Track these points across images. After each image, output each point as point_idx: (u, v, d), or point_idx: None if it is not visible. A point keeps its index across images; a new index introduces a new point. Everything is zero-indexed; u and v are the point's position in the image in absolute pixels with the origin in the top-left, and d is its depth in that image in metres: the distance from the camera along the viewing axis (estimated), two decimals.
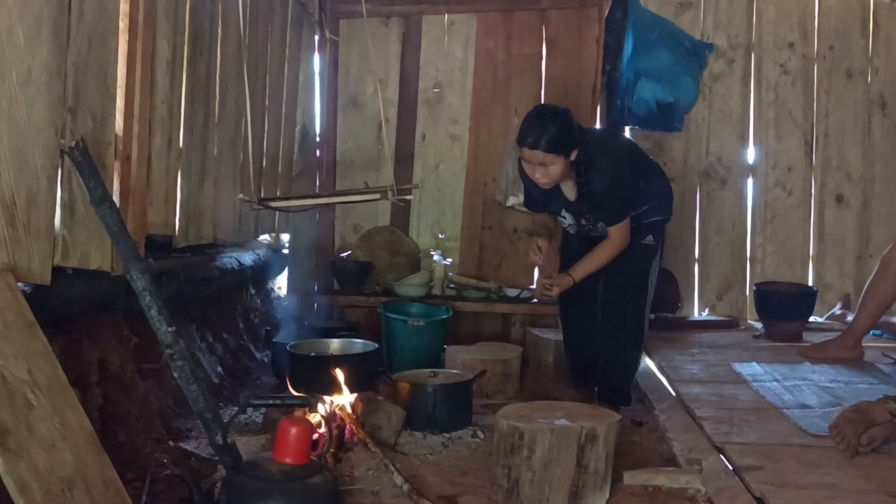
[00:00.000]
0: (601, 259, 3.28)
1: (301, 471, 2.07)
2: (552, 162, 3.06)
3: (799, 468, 2.36)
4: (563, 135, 3.04)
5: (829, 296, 4.93)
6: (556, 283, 3.30)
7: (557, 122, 3.04)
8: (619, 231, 3.26)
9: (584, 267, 3.30)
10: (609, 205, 3.23)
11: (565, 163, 3.08)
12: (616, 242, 3.27)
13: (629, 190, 3.26)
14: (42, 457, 1.70)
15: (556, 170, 3.09)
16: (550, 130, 3.02)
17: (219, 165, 3.47)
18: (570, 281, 3.29)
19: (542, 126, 3.04)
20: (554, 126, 3.03)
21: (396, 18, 4.99)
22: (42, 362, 1.87)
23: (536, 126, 3.06)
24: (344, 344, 3.29)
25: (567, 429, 2.32)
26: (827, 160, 5.00)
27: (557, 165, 3.07)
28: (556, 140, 3.02)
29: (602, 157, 3.18)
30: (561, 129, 3.04)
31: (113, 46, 2.47)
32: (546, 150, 3.04)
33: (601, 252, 3.29)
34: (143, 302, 2.11)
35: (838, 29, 4.97)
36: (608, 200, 3.21)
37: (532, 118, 3.11)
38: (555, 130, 3.02)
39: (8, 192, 1.97)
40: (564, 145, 3.05)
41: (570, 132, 3.06)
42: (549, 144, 3.02)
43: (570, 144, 3.06)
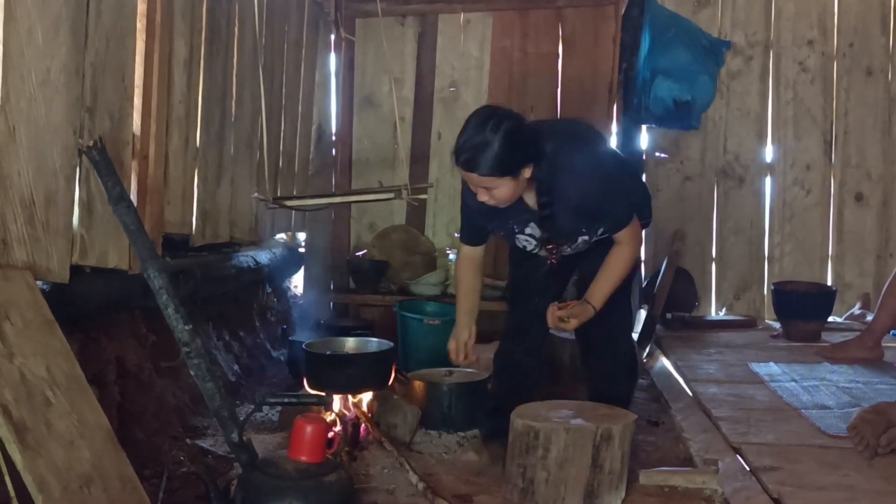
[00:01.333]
0: (621, 270, 2.65)
1: (316, 469, 2.07)
2: (496, 185, 2.38)
3: (817, 469, 2.35)
4: (508, 153, 2.33)
5: (849, 295, 4.89)
6: (576, 315, 2.62)
7: (499, 137, 2.31)
8: (629, 233, 2.61)
9: (602, 286, 2.65)
10: (610, 209, 2.57)
11: (514, 184, 2.40)
12: (630, 247, 2.65)
13: (627, 189, 2.69)
14: (60, 453, 1.71)
15: (504, 192, 2.40)
16: (490, 149, 2.31)
17: (235, 164, 3.48)
18: (591, 311, 2.63)
19: (479, 142, 2.32)
20: (494, 142, 2.31)
21: (412, 17, 5.00)
22: (60, 360, 1.89)
23: (472, 142, 2.34)
24: (359, 343, 3.29)
25: (582, 428, 2.31)
26: (846, 158, 4.96)
27: (504, 188, 2.39)
28: (497, 161, 2.32)
29: (584, 160, 2.52)
30: (504, 145, 2.31)
31: (130, 46, 2.49)
32: (485, 174, 2.35)
33: (617, 262, 2.64)
34: (160, 300, 2.12)
35: (858, 26, 4.92)
36: (607, 206, 2.55)
37: (469, 129, 2.37)
38: (496, 148, 2.31)
39: (27, 192, 1.99)
40: (510, 165, 2.35)
41: (516, 148, 2.34)
42: (490, 167, 2.34)
43: (517, 163, 2.36)
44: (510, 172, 2.36)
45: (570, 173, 2.47)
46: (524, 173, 2.40)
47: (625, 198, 2.64)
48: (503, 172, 2.35)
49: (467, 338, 2.84)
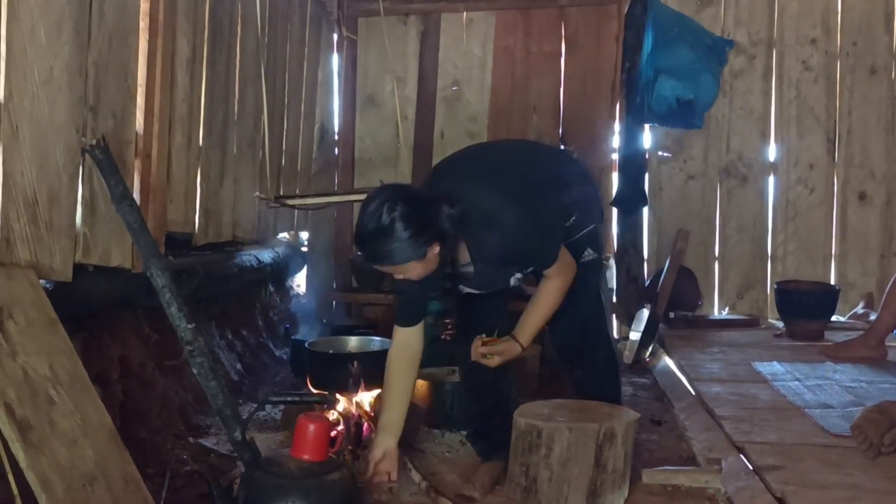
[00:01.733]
0: (550, 306, 2.53)
1: (319, 467, 2.08)
2: (402, 270, 2.29)
3: (820, 468, 2.34)
4: (404, 244, 2.20)
5: (852, 295, 4.87)
6: (500, 353, 2.52)
7: (394, 229, 2.18)
8: (557, 268, 2.48)
9: (530, 322, 2.55)
10: (531, 252, 2.45)
11: (424, 263, 2.27)
12: (560, 281, 2.51)
13: (545, 226, 2.47)
14: (63, 452, 1.71)
15: (415, 273, 2.30)
16: (386, 242, 2.21)
17: (238, 163, 3.49)
18: (518, 349, 2.54)
19: (374, 236, 2.21)
20: (390, 235, 2.19)
21: (415, 16, 5.00)
22: (63, 359, 1.89)
23: (367, 234, 2.22)
24: (362, 341, 3.29)
25: (585, 427, 2.31)
26: (850, 157, 4.94)
27: (413, 270, 2.29)
28: (395, 253, 2.22)
29: (494, 209, 2.36)
30: (399, 237, 2.19)
31: (133, 45, 2.49)
32: (384, 265, 2.28)
33: (547, 298, 2.52)
34: (163, 299, 2.12)
35: (862, 24, 4.91)
36: (527, 250, 2.43)
37: (363, 219, 2.24)
38: (392, 241, 2.20)
39: (30, 190, 1.99)
40: (410, 254, 2.23)
41: (414, 236, 2.20)
42: (389, 260, 2.25)
43: (417, 249, 2.22)
44: (412, 259, 2.25)
45: (488, 227, 2.35)
46: (431, 252, 2.27)
47: (546, 239, 2.46)
48: (405, 260, 2.25)
49: (379, 458, 2.50)
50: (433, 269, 2.34)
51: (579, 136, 4.80)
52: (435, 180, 2.51)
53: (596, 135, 4.84)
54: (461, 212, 2.30)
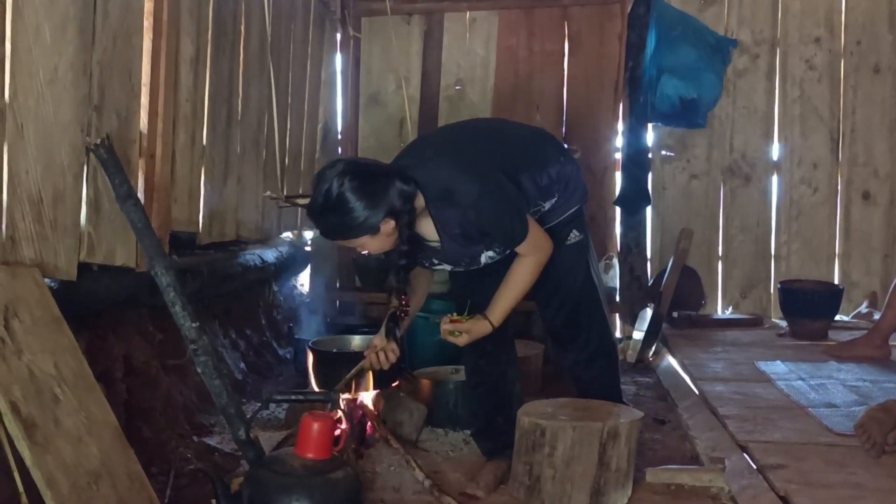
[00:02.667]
0: (522, 285, 2.43)
1: (323, 466, 2.07)
2: (356, 244, 2.26)
3: (824, 467, 2.34)
4: (352, 219, 2.16)
5: (856, 294, 4.87)
6: (467, 330, 2.42)
7: (341, 203, 2.15)
8: (528, 245, 2.37)
9: (502, 301, 2.44)
10: (496, 229, 2.35)
11: (378, 238, 2.23)
12: (532, 259, 2.41)
13: (508, 200, 2.35)
14: (68, 450, 1.72)
15: (373, 247, 2.27)
16: (334, 216, 2.18)
17: (242, 163, 3.49)
18: (488, 326, 2.43)
19: (323, 210, 2.19)
20: (339, 209, 2.16)
21: (418, 16, 5.00)
22: (68, 357, 1.90)
23: (317, 209, 2.21)
24: (366, 341, 3.29)
25: (589, 426, 2.31)
26: (853, 157, 4.94)
27: (369, 244, 2.25)
28: (344, 228, 2.20)
29: (454, 185, 2.29)
30: (348, 211, 2.15)
31: (137, 45, 2.50)
32: (337, 239, 2.29)
33: (519, 276, 2.42)
34: (167, 298, 2.13)
35: (866, 23, 4.90)
36: (491, 226, 2.33)
37: (314, 195, 2.23)
38: (340, 216, 2.17)
39: (35, 189, 2.00)
40: (361, 227, 2.18)
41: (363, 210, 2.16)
42: (340, 234, 2.24)
43: (369, 220, 2.17)
44: (365, 233, 2.21)
45: (448, 202, 2.30)
46: (384, 227, 2.21)
47: (509, 214, 2.34)
48: (357, 234, 2.21)
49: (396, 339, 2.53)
50: (392, 244, 2.29)
51: (582, 135, 4.80)
52: (398, 157, 2.46)
53: (599, 134, 4.84)
54: (415, 187, 2.25)
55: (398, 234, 2.27)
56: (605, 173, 4.83)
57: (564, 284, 2.60)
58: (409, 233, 2.29)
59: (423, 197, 2.29)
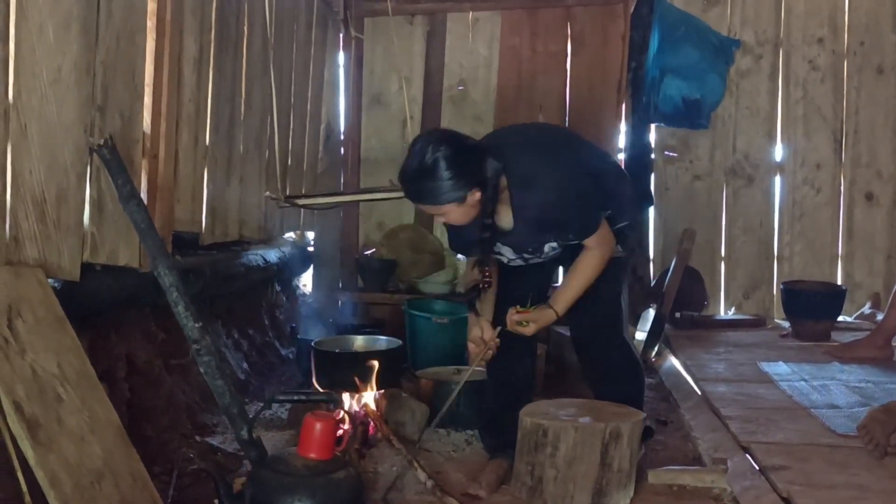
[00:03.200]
0: (588, 276, 2.55)
1: (325, 466, 2.08)
2: (442, 212, 2.39)
3: (827, 468, 2.34)
4: (446, 184, 2.30)
5: (859, 295, 4.86)
6: (535, 320, 2.54)
7: (436, 169, 2.29)
8: (597, 238, 2.51)
9: (568, 293, 2.57)
10: (572, 218, 2.48)
11: (463, 208, 2.37)
12: (599, 252, 2.53)
13: (588, 193, 2.50)
14: (71, 449, 1.72)
15: (454, 217, 2.40)
16: (427, 181, 2.31)
17: (245, 163, 3.49)
18: (553, 315, 2.56)
19: (417, 174, 2.33)
20: (432, 174, 2.30)
21: (421, 16, 5.00)
22: (71, 357, 1.90)
23: (410, 173, 2.35)
24: (368, 341, 3.30)
25: (591, 427, 2.31)
26: (856, 157, 4.93)
27: (452, 214, 2.39)
28: (436, 192, 2.32)
29: (539, 169, 2.44)
30: (442, 176, 2.29)
31: (141, 45, 2.50)
32: (423, 203, 2.41)
33: (585, 268, 2.55)
34: (170, 298, 2.13)
35: (869, 24, 4.90)
36: (568, 215, 2.46)
37: (408, 159, 2.36)
38: (434, 180, 2.30)
39: (38, 189, 2.00)
40: (450, 195, 2.32)
41: (455, 178, 2.29)
42: (429, 198, 2.36)
43: (458, 191, 2.31)
44: (452, 200, 2.34)
45: (530, 185, 2.42)
46: (470, 197, 2.35)
47: (587, 206, 2.50)
48: (445, 201, 2.34)
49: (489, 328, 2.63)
50: (472, 217, 2.42)
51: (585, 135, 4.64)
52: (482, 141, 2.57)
53: (602, 134, 4.82)
54: (504, 166, 2.39)
55: (482, 206, 2.39)
56: None
57: (596, 293, 2.62)
58: (492, 207, 2.41)
59: (506, 179, 2.41)
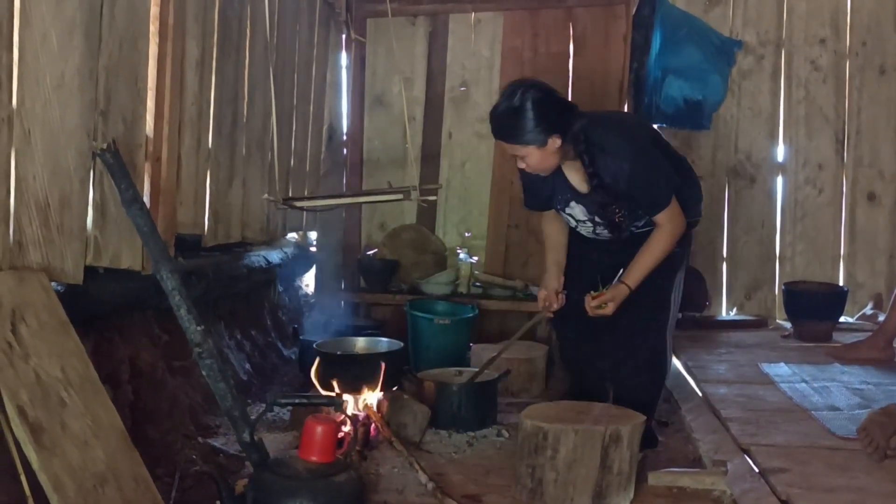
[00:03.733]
0: (657, 253, 2.71)
1: (327, 469, 2.09)
2: (523, 153, 2.60)
3: (826, 471, 2.35)
4: (530, 123, 2.53)
5: (861, 295, 4.86)
6: (611, 299, 2.71)
7: (523, 108, 2.53)
8: (667, 215, 2.68)
9: (639, 268, 2.72)
10: (643, 189, 2.66)
11: (542, 152, 2.59)
12: (669, 229, 2.69)
13: (661, 168, 2.70)
14: (75, 453, 1.74)
15: (533, 161, 2.62)
16: (514, 118, 2.54)
17: (247, 165, 3.50)
18: (626, 290, 2.71)
19: (504, 112, 2.57)
20: (519, 113, 2.53)
21: (423, 17, 5.00)
22: (75, 361, 1.92)
23: (498, 111, 2.59)
24: (370, 342, 3.31)
25: (591, 429, 2.32)
26: (859, 158, 4.93)
27: (533, 156, 2.60)
28: (521, 130, 2.54)
29: (615, 139, 2.65)
30: (527, 116, 2.52)
31: (143, 49, 2.51)
32: (510, 142, 2.60)
33: (655, 244, 2.70)
34: (173, 301, 2.15)
35: (871, 24, 4.89)
36: (639, 185, 2.64)
37: (500, 99, 2.62)
38: (519, 118, 2.53)
39: (42, 194, 2.02)
40: (533, 134, 2.54)
41: (540, 119, 2.53)
42: (514, 136, 2.57)
43: (541, 133, 2.54)
44: (534, 142, 2.56)
45: (605, 152, 2.62)
46: (551, 143, 2.57)
47: (660, 180, 2.68)
48: (527, 141, 2.56)
49: (557, 287, 2.89)
50: (551, 165, 2.64)
51: None
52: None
53: None
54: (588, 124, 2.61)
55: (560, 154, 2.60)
56: None
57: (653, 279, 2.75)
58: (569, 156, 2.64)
59: (586, 140, 2.61)
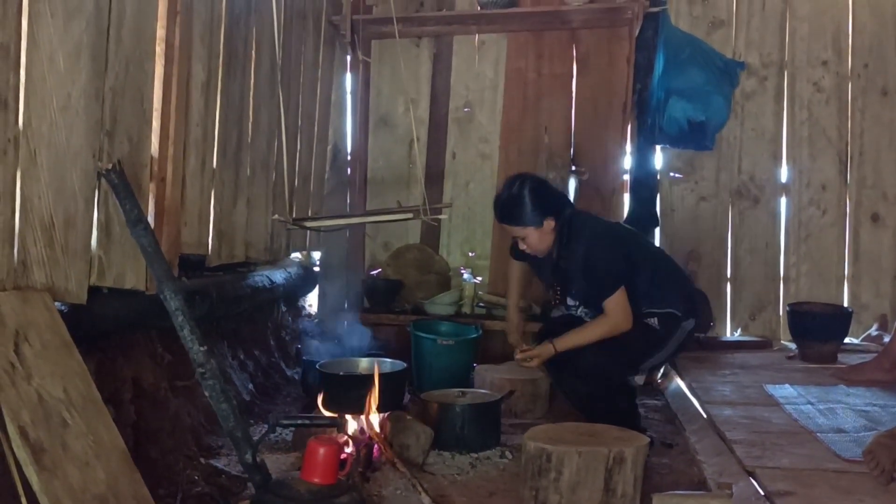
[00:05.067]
0: (591, 334, 3.02)
1: (329, 491, 2.09)
2: (522, 234, 3.08)
3: (832, 494, 2.33)
4: (528, 207, 3.04)
5: (865, 316, 4.84)
6: (536, 354, 3.11)
7: (522, 195, 3.04)
8: (612, 305, 2.99)
9: (569, 339, 3.06)
10: (593, 277, 3.05)
11: (540, 233, 3.07)
12: (611, 319, 3.00)
13: (614, 259, 3.06)
14: (76, 474, 1.73)
15: (532, 241, 3.09)
16: (514, 204, 3.06)
17: (251, 185, 3.52)
18: (552, 350, 3.07)
19: (506, 199, 3.08)
20: (518, 199, 3.05)
21: (427, 39, 5.04)
22: (77, 381, 1.92)
23: (504, 197, 3.10)
24: (373, 363, 3.30)
25: (595, 451, 2.31)
26: (862, 179, 4.93)
27: (532, 236, 3.07)
28: (521, 213, 3.05)
29: (583, 228, 3.11)
30: (526, 201, 3.03)
31: (149, 71, 2.53)
32: (512, 224, 3.09)
33: (593, 326, 3.04)
34: (176, 321, 2.15)
35: (873, 46, 4.91)
36: (590, 273, 3.05)
37: (503, 188, 3.16)
38: (519, 204, 3.04)
39: (47, 214, 2.03)
40: (531, 217, 3.04)
41: (536, 204, 3.03)
42: (515, 219, 3.07)
43: (536, 214, 3.04)
44: (532, 223, 3.05)
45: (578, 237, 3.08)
46: (547, 224, 3.05)
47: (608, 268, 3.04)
48: (526, 223, 3.05)
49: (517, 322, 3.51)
50: (548, 244, 3.10)
51: (591, 157, 4.82)
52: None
53: (607, 156, 4.85)
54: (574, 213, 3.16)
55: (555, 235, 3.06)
56: (613, 195, 4.83)
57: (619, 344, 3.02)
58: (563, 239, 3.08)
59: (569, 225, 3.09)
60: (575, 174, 4.73)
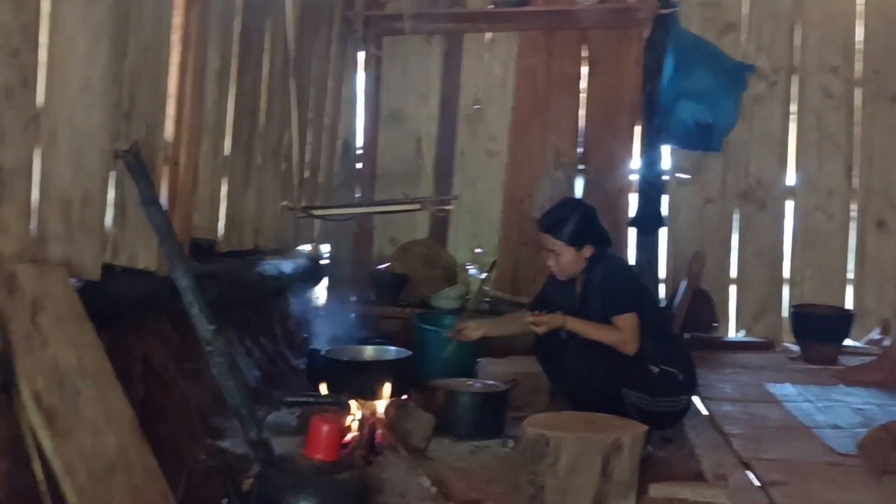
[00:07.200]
0: (600, 333, 3.05)
1: (331, 467, 2.14)
2: (561, 251, 3.11)
3: (825, 486, 2.37)
4: (577, 229, 3.10)
5: (869, 322, 4.85)
6: (546, 321, 3.11)
7: (575, 216, 3.12)
8: (622, 322, 3.02)
9: (581, 323, 3.09)
10: (609, 293, 3.09)
11: (576, 256, 3.11)
12: (619, 334, 3.02)
13: (633, 288, 3.17)
14: (87, 439, 1.79)
15: (565, 260, 3.12)
16: (565, 222, 3.11)
17: (262, 174, 3.58)
18: (561, 321, 3.09)
19: (559, 216, 3.15)
20: (570, 218, 3.11)
21: (439, 36, 5.09)
22: (90, 352, 1.97)
23: (555, 211, 3.22)
24: (378, 351, 3.35)
25: (592, 437, 2.36)
26: (869, 185, 4.94)
27: (567, 255, 3.11)
28: (567, 231, 3.09)
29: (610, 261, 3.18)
30: (576, 223, 3.10)
31: (166, 57, 2.60)
32: (552, 232, 3.12)
33: (604, 328, 3.06)
34: (186, 299, 2.21)
35: (884, 52, 4.93)
36: (608, 289, 3.09)
37: (556, 204, 3.34)
38: (569, 223, 3.10)
39: (65, 191, 2.09)
40: (576, 238, 3.10)
41: (584, 229, 3.11)
42: (561, 234, 3.10)
43: (580, 236, 3.10)
44: (574, 243, 3.10)
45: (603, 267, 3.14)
46: (586, 250, 3.11)
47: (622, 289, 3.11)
48: (568, 240, 3.09)
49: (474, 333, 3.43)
50: (577, 269, 3.16)
51: (599, 156, 4.86)
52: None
53: (615, 156, 4.89)
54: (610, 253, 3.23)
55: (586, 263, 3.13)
56: (621, 195, 4.86)
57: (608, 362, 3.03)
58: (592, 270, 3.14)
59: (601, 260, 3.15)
60: (582, 173, 4.78)
